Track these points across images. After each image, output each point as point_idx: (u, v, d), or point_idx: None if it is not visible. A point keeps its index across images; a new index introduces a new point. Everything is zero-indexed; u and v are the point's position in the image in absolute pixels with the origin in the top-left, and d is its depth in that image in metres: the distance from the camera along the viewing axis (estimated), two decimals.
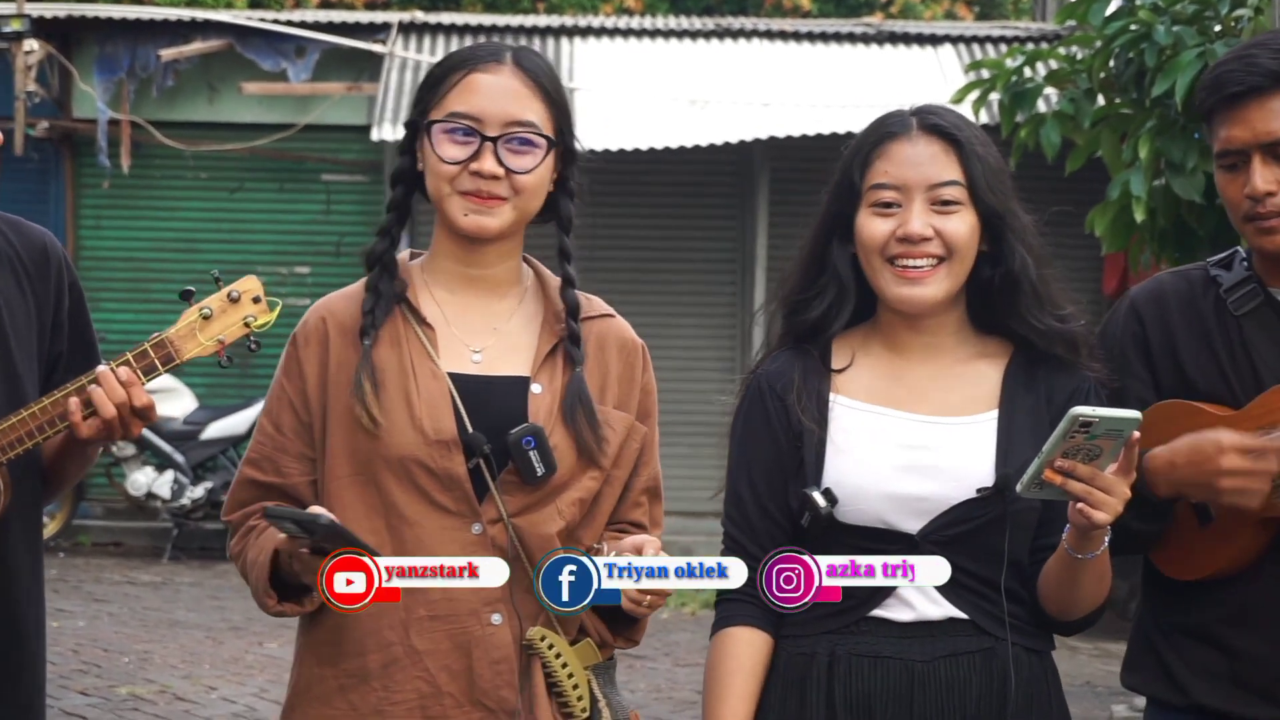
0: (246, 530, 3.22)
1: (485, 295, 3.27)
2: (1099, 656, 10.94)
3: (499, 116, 3.17)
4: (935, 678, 3.16)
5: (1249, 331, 3.35)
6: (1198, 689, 3.35)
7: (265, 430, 3.26)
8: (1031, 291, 3.24)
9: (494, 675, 3.16)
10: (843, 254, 3.25)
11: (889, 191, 3.19)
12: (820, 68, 14.78)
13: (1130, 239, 7.76)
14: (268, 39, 14.83)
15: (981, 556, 3.17)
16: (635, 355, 3.32)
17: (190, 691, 9.24)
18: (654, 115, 14.04)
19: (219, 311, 3.24)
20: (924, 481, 3.17)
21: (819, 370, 3.29)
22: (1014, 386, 3.25)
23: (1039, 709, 3.22)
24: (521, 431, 3.14)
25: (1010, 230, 3.24)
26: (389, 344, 3.21)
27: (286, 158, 15.13)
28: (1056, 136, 8.11)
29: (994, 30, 15.46)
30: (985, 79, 8.57)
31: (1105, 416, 2.88)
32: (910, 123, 3.23)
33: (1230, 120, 3.29)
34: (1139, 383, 3.39)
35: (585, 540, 3.24)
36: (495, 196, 3.17)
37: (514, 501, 3.16)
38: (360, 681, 3.17)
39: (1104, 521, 2.97)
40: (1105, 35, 7.87)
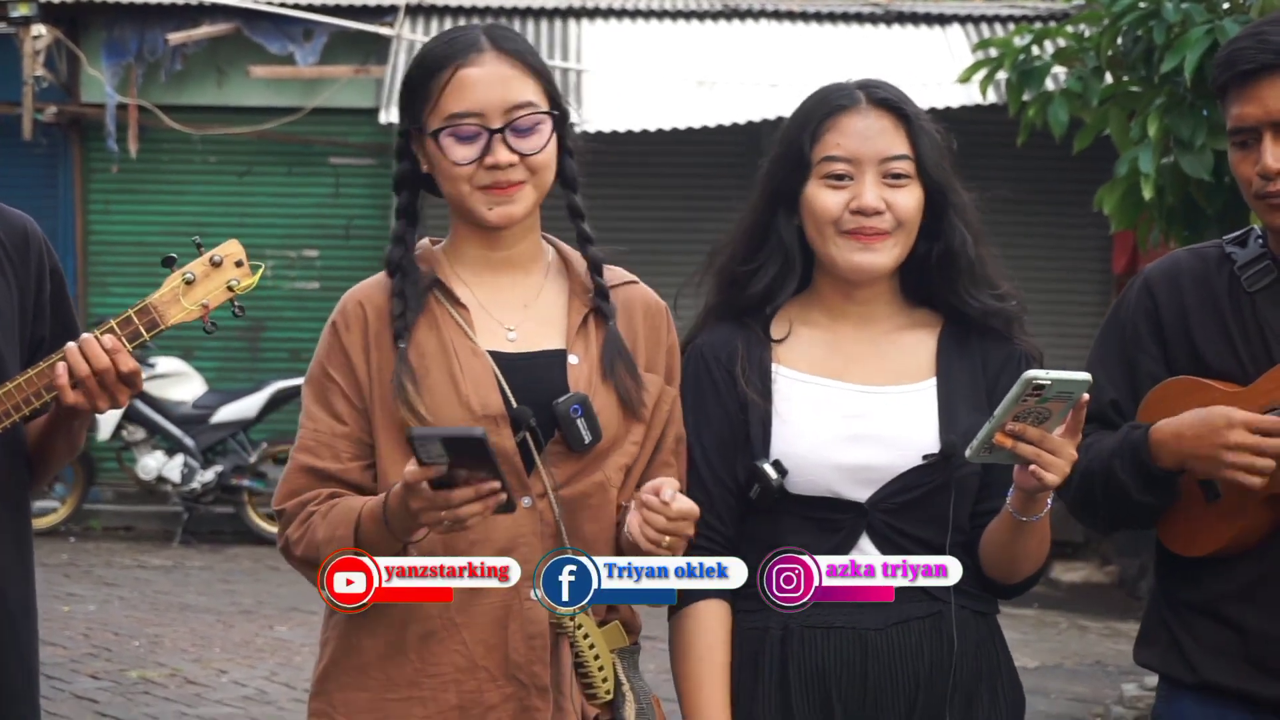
0: (306, 516, 3.20)
1: (512, 274, 3.29)
2: (1109, 635, 10.94)
3: (498, 105, 3.18)
4: (888, 646, 3.20)
5: (1262, 308, 3.35)
6: (1208, 666, 3.36)
7: (318, 418, 3.23)
8: (969, 269, 3.28)
9: (528, 650, 3.17)
10: (789, 226, 3.27)
11: (841, 164, 3.23)
12: (828, 48, 14.75)
13: (1139, 217, 7.75)
14: (275, 22, 14.82)
15: (927, 523, 3.21)
16: (660, 317, 3.35)
17: (201, 675, 9.25)
18: (661, 96, 14.02)
19: (202, 276, 3.25)
20: (870, 450, 3.21)
21: (760, 341, 3.32)
22: (949, 355, 3.30)
23: (988, 669, 3.26)
24: (569, 400, 3.16)
25: (951, 206, 3.28)
26: (426, 327, 3.22)
27: (295, 141, 15.13)
28: (1064, 115, 8.09)
29: (1002, 9, 15.42)
30: (993, 58, 8.55)
31: (1058, 379, 2.91)
32: (859, 96, 3.27)
33: (1242, 98, 3.29)
34: (1150, 359, 3.40)
35: (621, 501, 3.24)
36: (514, 183, 3.20)
37: (561, 472, 3.18)
38: (398, 652, 3.18)
39: (1053, 483, 3.01)
40: (1113, 13, 7.84)
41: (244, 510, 13.75)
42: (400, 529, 3.06)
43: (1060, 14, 13.63)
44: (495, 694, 3.16)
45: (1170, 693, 3.44)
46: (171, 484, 13.76)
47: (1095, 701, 9.21)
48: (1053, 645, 10.37)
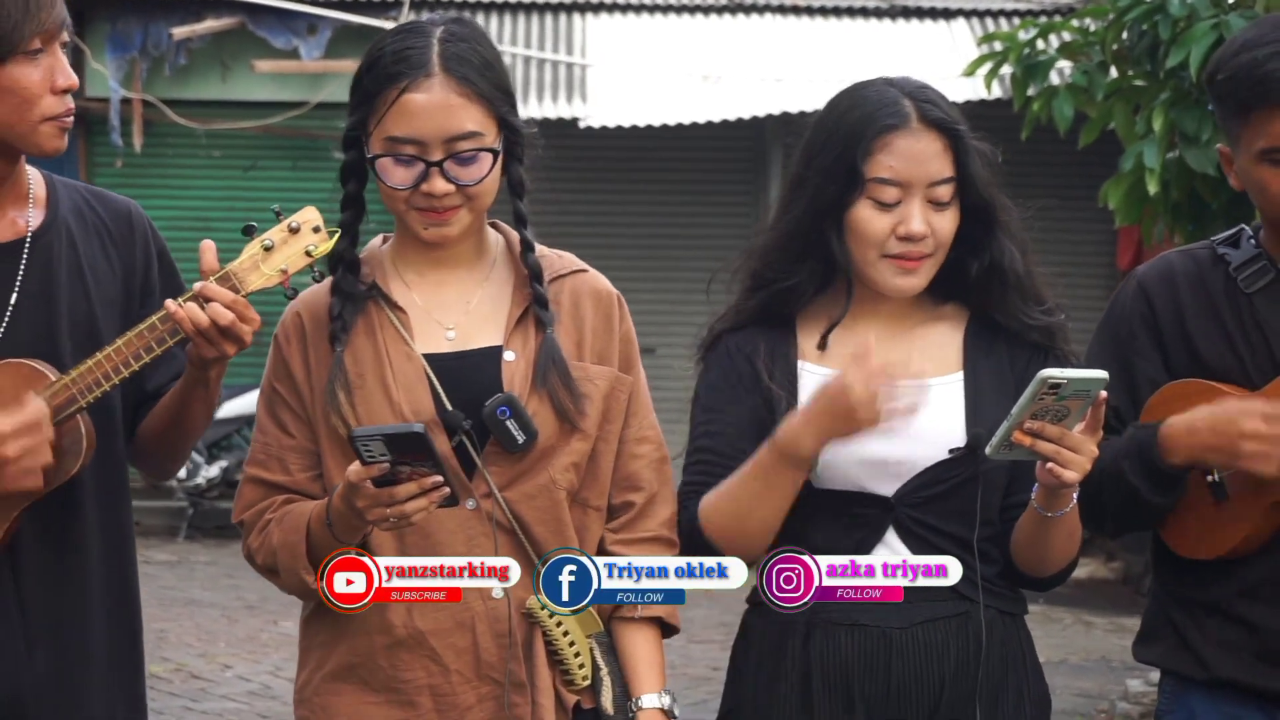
0: (264, 525, 3.22)
1: (454, 271, 3.27)
2: (1114, 631, 10.93)
3: (439, 135, 3.14)
4: (913, 644, 3.19)
5: (1261, 308, 3.34)
6: (1219, 662, 3.35)
7: (268, 430, 3.26)
8: (1019, 286, 3.26)
9: (499, 649, 3.17)
10: (842, 247, 3.23)
11: (892, 189, 3.19)
12: (833, 42, 14.75)
13: (1144, 212, 7.74)
14: (280, 16, 14.82)
15: (954, 517, 3.20)
16: (611, 306, 3.31)
17: (206, 670, 9.26)
18: (666, 91, 14.02)
19: (280, 243, 3.25)
20: (897, 444, 3.19)
21: (785, 338, 3.30)
22: (975, 348, 3.28)
23: (1014, 671, 3.25)
24: (495, 403, 3.14)
25: (999, 224, 3.25)
26: (364, 334, 3.22)
27: (299, 135, 15.13)
28: (1069, 109, 8.07)
29: (1007, 3, 15.41)
30: (998, 52, 8.53)
31: (1074, 378, 2.91)
32: (910, 113, 3.21)
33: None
34: (1149, 363, 3.39)
35: (593, 500, 3.24)
36: (450, 208, 3.18)
37: (502, 473, 3.16)
38: (369, 660, 3.19)
39: (1072, 480, 3.00)
40: (1119, 7, 7.83)
41: None
42: (344, 530, 3.07)
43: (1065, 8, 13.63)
44: (471, 695, 3.17)
45: (1178, 689, 3.43)
46: (176, 479, 13.77)
47: (1101, 697, 9.20)
48: (1058, 641, 10.37)
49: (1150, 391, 3.36)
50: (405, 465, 2.90)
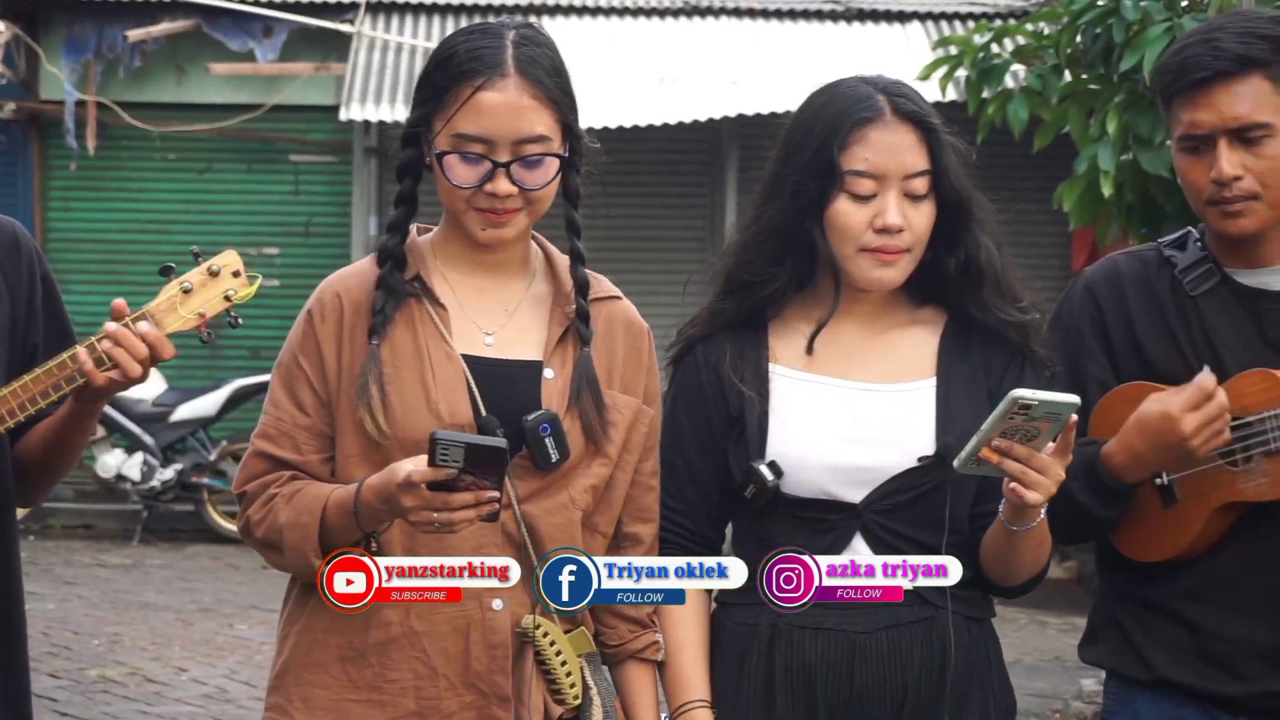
0: (269, 499, 3.19)
1: (497, 277, 3.26)
2: (1068, 631, 10.97)
3: (509, 137, 3.14)
4: (876, 648, 3.19)
5: (1207, 312, 3.35)
6: (1163, 663, 3.36)
7: (283, 406, 3.22)
8: (995, 282, 3.26)
9: (490, 660, 3.16)
10: (824, 239, 3.23)
11: (867, 181, 3.19)
12: (789, 45, 14.77)
13: (1098, 214, 7.78)
14: (235, 19, 14.77)
15: (922, 524, 3.20)
16: (642, 338, 3.32)
17: (160, 673, 9.22)
18: (623, 93, 14.02)
19: (199, 285, 3.23)
20: (866, 451, 3.19)
21: (755, 340, 3.29)
22: (950, 354, 3.28)
23: (979, 676, 3.25)
24: (539, 418, 3.14)
25: (974, 219, 3.25)
26: (403, 325, 3.20)
27: (254, 138, 15.08)
28: (1024, 112, 8.10)
29: (961, 6, 15.45)
30: (953, 55, 8.56)
31: (1045, 400, 2.91)
32: (884, 107, 3.21)
33: (1195, 104, 3.27)
34: (1097, 365, 3.40)
35: (601, 526, 3.24)
36: (510, 210, 3.17)
37: (525, 486, 3.16)
38: (359, 655, 3.17)
39: (1037, 502, 3.00)
40: (1073, 10, 7.87)
41: (204, 508, 13.71)
42: (370, 522, 3.07)
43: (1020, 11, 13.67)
44: (454, 701, 3.16)
45: (1123, 690, 3.45)
46: (131, 482, 13.71)
47: (1055, 697, 9.24)
48: (1012, 641, 10.40)
49: (1099, 393, 3.37)
50: (470, 475, 2.90)
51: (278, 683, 3.25)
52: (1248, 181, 3.25)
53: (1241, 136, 3.25)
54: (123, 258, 14.83)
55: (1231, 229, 3.29)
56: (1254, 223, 3.28)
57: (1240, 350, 3.31)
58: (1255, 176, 3.26)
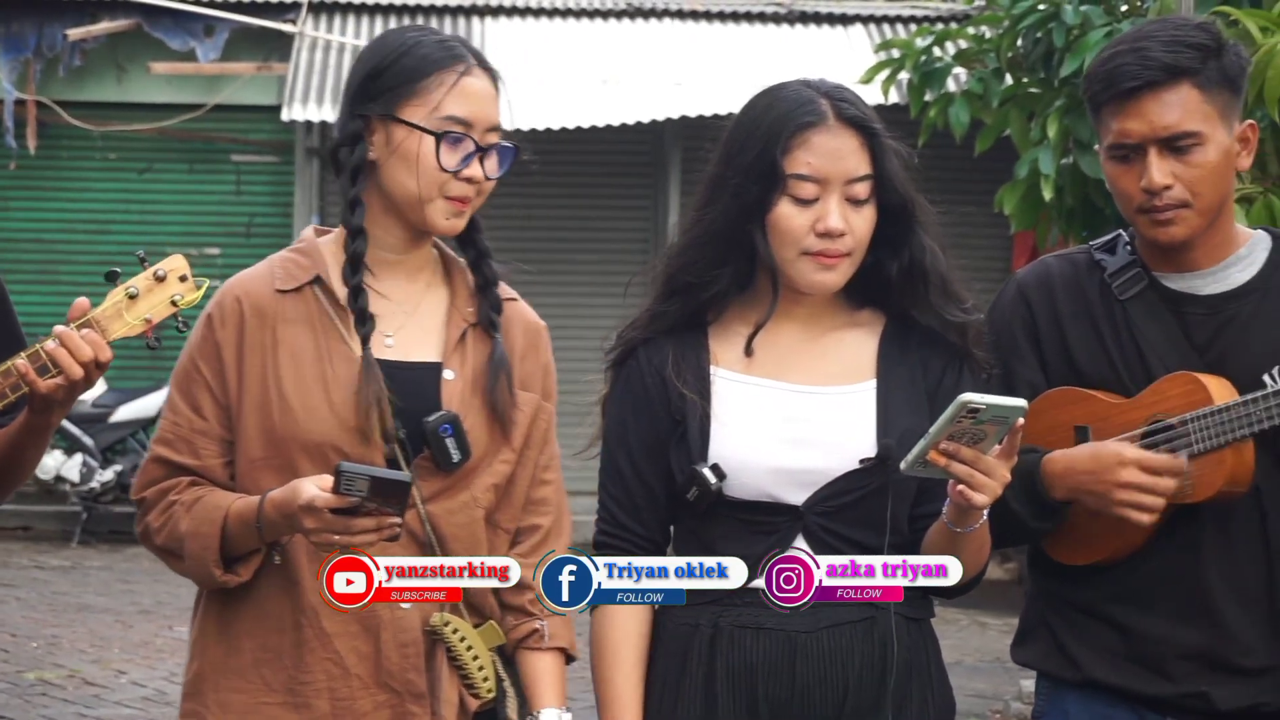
0: (167, 506, 3.20)
1: (400, 279, 3.27)
2: (1008, 632, 10.97)
3: (485, 123, 3.20)
4: (817, 648, 3.19)
5: (1135, 316, 3.37)
6: (1092, 664, 3.38)
7: (180, 411, 3.23)
8: (940, 284, 3.27)
9: (401, 659, 3.17)
10: (765, 242, 3.24)
11: (809, 185, 3.19)
12: (731, 47, 14.80)
13: (1039, 217, 7.82)
14: (176, 18, 14.71)
15: (864, 526, 3.20)
16: (539, 336, 3.35)
17: (99, 676, 9.18)
18: (565, 94, 14.02)
19: (145, 291, 3.20)
20: (808, 453, 3.20)
21: (696, 343, 3.30)
22: (890, 356, 3.28)
23: (919, 676, 3.26)
24: (439, 419, 3.16)
25: (917, 223, 3.26)
26: (304, 326, 3.20)
27: (196, 138, 15.03)
28: (965, 116, 8.15)
29: (904, 10, 15.51)
30: (895, 58, 8.60)
31: (993, 404, 2.92)
32: (827, 111, 3.22)
33: (1125, 113, 3.28)
34: (1028, 367, 3.41)
35: (504, 523, 3.26)
36: (469, 199, 3.21)
37: (428, 487, 3.18)
38: (275, 657, 3.18)
39: (983, 504, 3.02)
40: (1013, 15, 7.92)
41: None
42: (272, 535, 3.11)
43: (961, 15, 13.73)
44: (368, 701, 3.17)
45: (1053, 690, 3.46)
46: (70, 483, 13.64)
47: (995, 697, 9.28)
48: (953, 642, 10.45)
49: (1030, 396, 3.37)
50: (373, 503, 2.94)
51: (192, 689, 3.26)
52: (1178, 190, 3.27)
53: (1171, 145, 3.27)
54: (63, 258, 14.76)
55: (1162, 237, 3.31)
56: (1184, 230, 3.30)
57: (1167, 354, 3.33)
58: (1185, 185, 3.27)
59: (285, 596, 3.17)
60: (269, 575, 3.17)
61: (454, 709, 3.20)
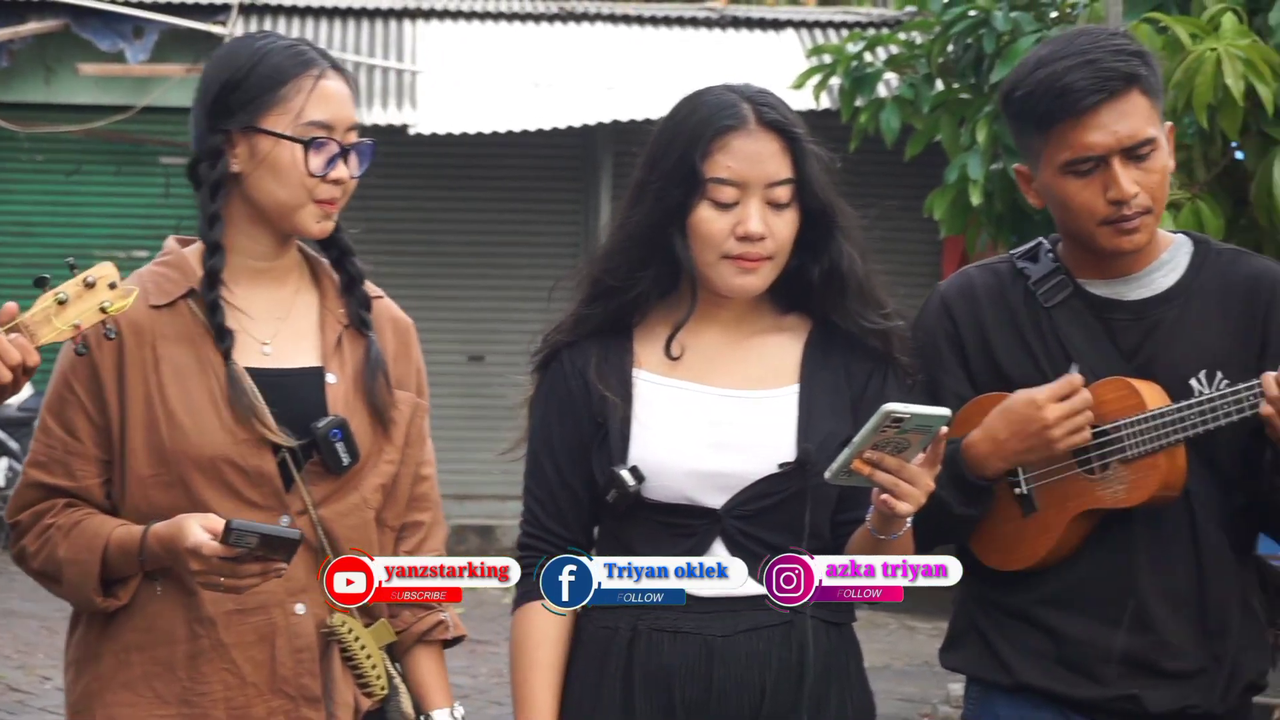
0: (43, 530, 3.18)
1: (268, 286, 3.27)
2: (937, 636, 11.02)
3: (345, 124, 3.20)
4: (734, 651, 3.19)
5: (1060, 323, 3.38)
6: (1023, 668, 3.39)
7: (54, 433, 3.21)
8: (859, 290, 3.27)
9: (296, 664, 3.18)
10: (685, 249, 3.24)
11: (729, 188, 3.20)
12: (663, 52, 14.82)
13: (968, 222, 7.87)
14: (105, 19, 14.63)
15: (783, 530, 3.20)
16: (409, 334, 3.37)
17: (24, 682, 9.13)
18: (496, 98, 14.01)
19: (75, 297, 3.17)
20: (728, 457, 3.20)
21: (619, 345, 3.30)
22: (813, 361, 3.29)
23: (838, 680, 3.26)
24: (329, 424, 3.18)
25: (838, 228, 3.26)
26: (183, 340, 3.20)
27: (124, 140, 14.95)
28: (896, 121, 8.19)
29: (835, 15, 15.56)
30: (826, 64, 8.64)
31: (917, 413, 2.94)
32: (748, 115, 3.23)
33: (1085, 127, 3.26)
34: (954, 378, 3.41)
35: (390, 521, 3.28)
36: (336, 201, 3.21)
37: (318, 491, 3.19)
38: (167, 670, 3.17)
39: (907, 512, 3.03)
40: (944, 21, 7.96)
41: None
42: (154, 567, 3.11)
43: (893, 21, 13.79)
44: (262, 708, 3.17)
45: (983, 695, 3.47)
46: None
47: (923, 701, 9.32)
48: (882, 646, 10.48)
49: (957, 406, 3.38)
50: (261, 552, 2.96)
51: (80, 708, 3.23)
52: (1142, 197, 3.28)
53: (1133, 154, 3.28)
54: None
55: (1127, 245, 3.32)
56: (1146, 237, 3.32)
57: (1094, 360, 3.34)
58: (1147, 191, 3.29)
59: (179, 609, 3.15)
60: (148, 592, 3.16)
61: (349, 710, 3.20)
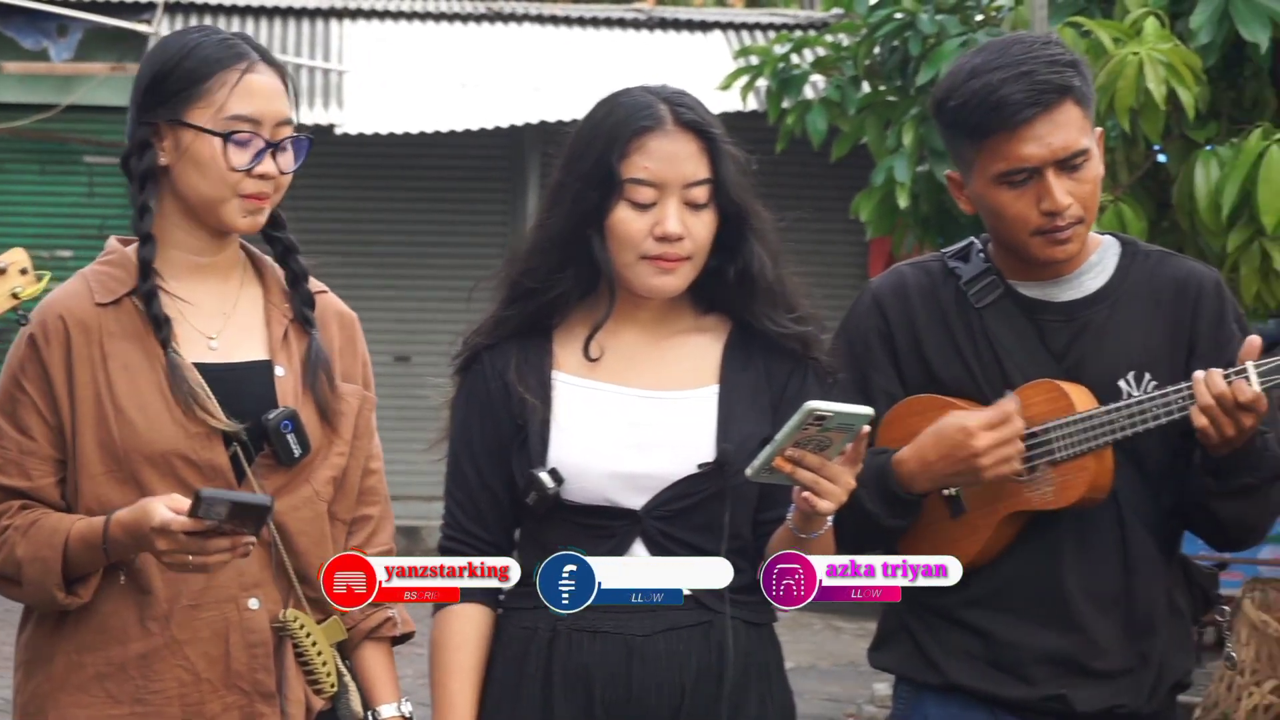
0: (0, 530, 3.16)
1: (212, 281, 3.26)
2: (862, 636, 11.10)
3: (273, 118, 3.18)
4: (654, 651, 3.20)
5: (991, 324, 3.39)
6: (952, 668, 3.41)
7: (7, 434, 3.19)
8: (768, 292, 3.28)
9: (250, 659, 3.17)
10: (602, 247, 3.25)
11: (646, 189, 3.21)
12: (591, 53, 14.82)
13: (894, 224, 7.90)
14: (29, 17, 14.52)
15: (703, 530, 3.22)
16: (353, 328, 3.37)
17: None
18: (423, 99, 13.98)
19: None
20: (648, 458, 3.21)
21: (539, 347, 3.31)
22: (733, 362, 3.30)
23: (758, 680, 3.28)
24: (280, 415, 3.17)
25: (751, 230, 3.27)
26: (130, 337, 3.19)
27: (48, 139, 14.85)
28: (823, 123, 8.23)
29: (762, 17, 15.60)
30: (753, 65, 8.66)
31: (839, 412, 2.95)
32: (665, 116, 3.24)
33: (1019, 139, 3.27)
34: (884, 377, 3.43)
35: (340, 514, 3.27)
36: (267, 195, 3.19)
37: (270, 484, 3.18)
38: (119, 670, 3.15)
39: (828, 510, 3.04)
40: (870, 23, 8.00)
41: None
42: (118, 556, 3.09)
43: (819, 23, 13.83)
44: (217, 704, 3.16)
45: (913, 694, 3.49)
46: None
47: (848, 701, 9.36)
48: (808, 646, 10.51)
49: (887, 405, 3.40)
50: (230, 525, 2.94)
51: (30, 709, 3.21)
52: (1075, 208, 3.30)
53: (1066, 165, 3.29)
54: None
55: (1060, 255, 3.33)
56: (1078, 246, 3.35)
57: (1024, 361, 3.36)
58: (1079, 201, 3.31)
59: (132, 608, 3.14)
60: (108, 590, 3.14)
61: (301, 707, 3.20)
